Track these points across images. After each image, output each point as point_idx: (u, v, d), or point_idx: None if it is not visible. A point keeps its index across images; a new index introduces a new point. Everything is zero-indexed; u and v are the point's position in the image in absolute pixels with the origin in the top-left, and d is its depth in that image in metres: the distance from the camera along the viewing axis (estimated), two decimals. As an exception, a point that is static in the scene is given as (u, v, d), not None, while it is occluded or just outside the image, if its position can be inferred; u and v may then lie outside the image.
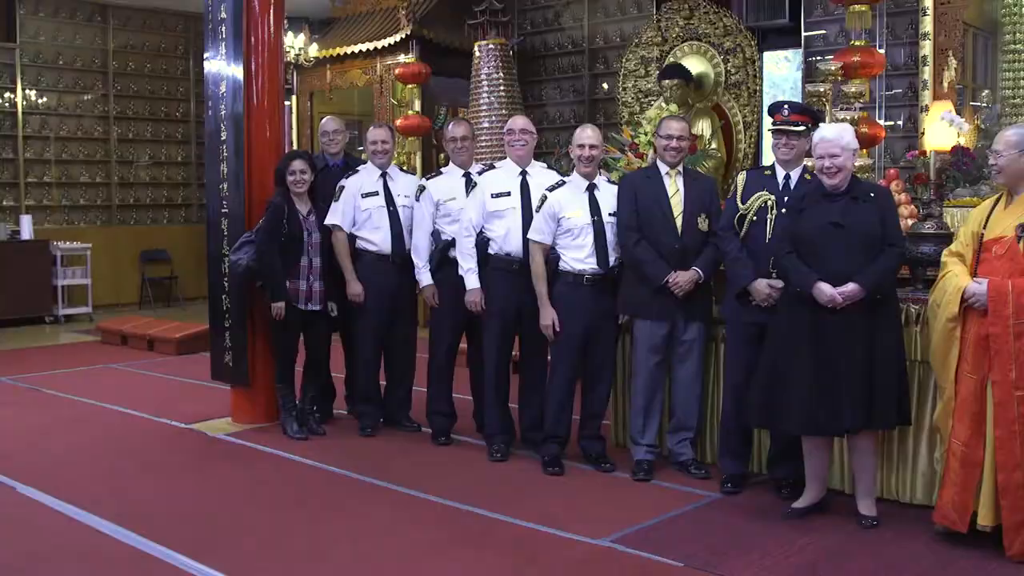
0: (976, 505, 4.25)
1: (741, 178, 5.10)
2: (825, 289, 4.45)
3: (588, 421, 5.60)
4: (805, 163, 5.06)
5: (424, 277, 6.04)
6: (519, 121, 5.86)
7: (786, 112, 4.98)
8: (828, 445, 4.80)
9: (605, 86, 10.71)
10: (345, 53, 11.60)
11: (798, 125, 4.97)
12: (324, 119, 6.85)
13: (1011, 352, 4.12)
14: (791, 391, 4.54)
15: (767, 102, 7.76)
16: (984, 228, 4.35)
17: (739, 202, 5.01)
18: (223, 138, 6.48)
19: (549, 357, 5.63)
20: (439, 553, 4.36)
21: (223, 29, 6.44)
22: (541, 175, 5.73)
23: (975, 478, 4.23)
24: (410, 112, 10.63)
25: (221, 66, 6.47)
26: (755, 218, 4.97)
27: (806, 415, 4.52)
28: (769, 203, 4.96)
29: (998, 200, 4.43)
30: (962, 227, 4.60)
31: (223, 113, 6.48)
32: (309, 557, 4.33)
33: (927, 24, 7.38)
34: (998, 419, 4.15)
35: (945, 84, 7.35)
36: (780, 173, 5.03)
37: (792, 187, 4.99)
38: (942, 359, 4.40)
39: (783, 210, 4.91)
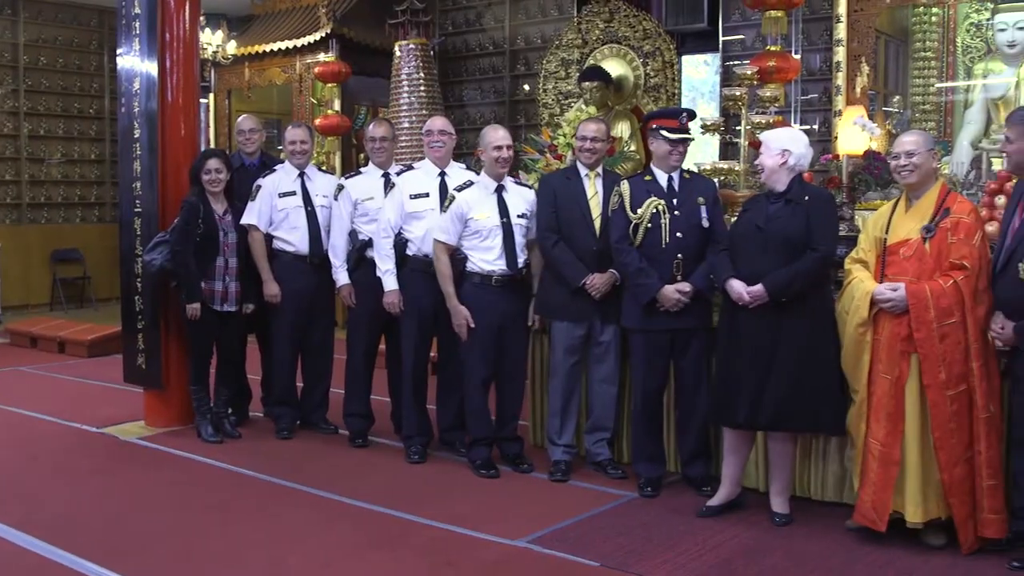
0: (897, 504, 4.33)
1: (625, 188, 5.09)
2: (735, 286, 4.57)
3: (505, 422, 5.59)
4: (701, 164, 5.14)
5: (341, 277, 6.00)
6: (438, 122, 5.84)
7: (684, 120, 5.05)
8: (749, 444, 4.86)
9: (526, 87, 10.73)
10: (264, 51, 11.46)
11: (690, 133, 5.08)
12: (240, 118, 6.77)
13: (938, 355, 4.21)
14: (718, 384, 4.73)
15: (686, 105, 7.87)
16: (886, 233, 4.44)
17: (629, 211, 5.03)
18: (137, 136, 6.36)
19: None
20: (355, 556, 4.32)
21: (137, 24, 6.32)
22: (460, 176, 5.71)
23: (894, 477, 4.32)
24: (330, 111, 10.54)
25: (135, 62, 6.35)
26: (650, 225, 5.00)
27: (722, 407, 4.67)
28: (660, 208, 5.00)
29: (895, 205, 4.53)
30: (862, 234, 4.68)
31: (137, 110, 6.36)
32: (223, 562, 4.27)
33: (841, 31, 7.50)
34: (935, 421, 4.23)
35: (858, 90, 7.48)
36: (662, 177, 5.09)
37: (677, 189, 5.06)
38: (854, 362, 4.49)
39: (675, 212, 4.99)
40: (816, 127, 8.56)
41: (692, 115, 5.19)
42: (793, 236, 4.58)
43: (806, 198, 4.65)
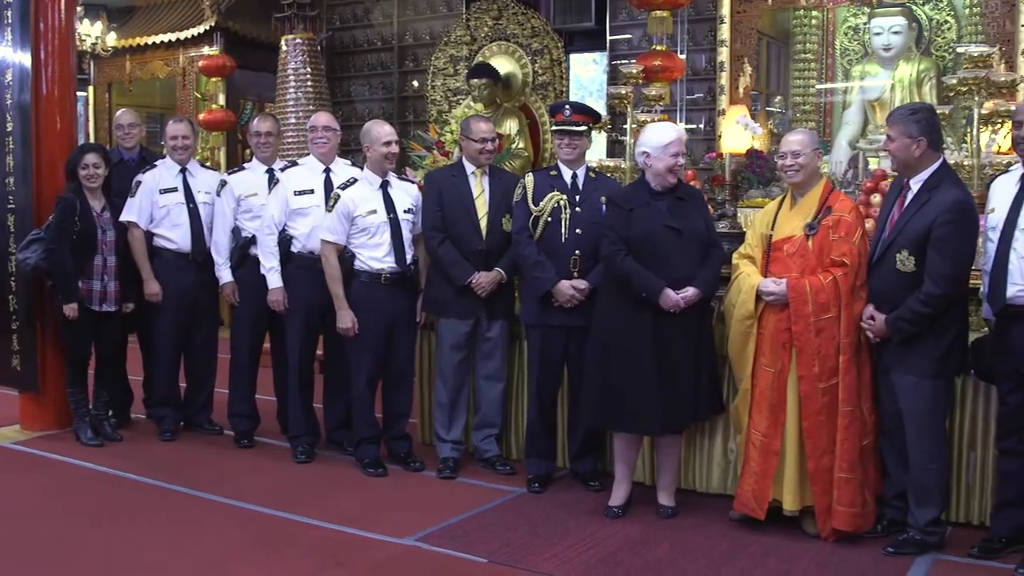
0: (776, 493, 4.45)
1: (529, 181, 5.12)
2: (671, 295, 4.51)
3: (393, 421, 5.56)
4: (589, 161, 5.17)
5: (224, 275, 5.90)
6: (322, 118, 5.78)
7: (568, 112, 5.07)
8: (639, 442, 4.91)
9: (415, 84, 10.67)
10: (146, 43, 11.17)
11: (579, 125, 5.07)
12: (119, 112, 6.60)
13: (814, 348, 4.33)
14: (628, 391, 4.59)
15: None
16: (771, 229, 4.55)
17: (531, 204, 5.05)
18: (9, 129, 6.12)
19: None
20: (241, 559, 4.24)
21: (9, 13, 6.09)
22: (346, 173, 5.65)
23: (774, 467, 4.44)
24: (214, 106, 10.34)
25: (7, 52, 6.12)
26: (550, 219, 5.02)
27: (643, 415, 4.59)
28: (562, 203, 5.03)
29: (781, 202, 4.65)
30: (749, 230, 4.79)
31: (9, 103, 6.13)
32: (103, 571, 4.14)
33: (724, 31, 7.66)
34: (805, 411, 4.36)
35: (741, 90, 7.65)
36: (567, 172, 5.11)
37: (580, 186, 5.08)
38: (739, 354, 4.60)
39: (577, 209, 5.00)
40: (701, 126, 8.70)
41: (581, 108, 5.17)
42: (702, 234, 4.65)
43: (690, 194, 4.75)
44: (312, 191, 5.59)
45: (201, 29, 10.67)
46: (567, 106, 5.11)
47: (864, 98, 7.72)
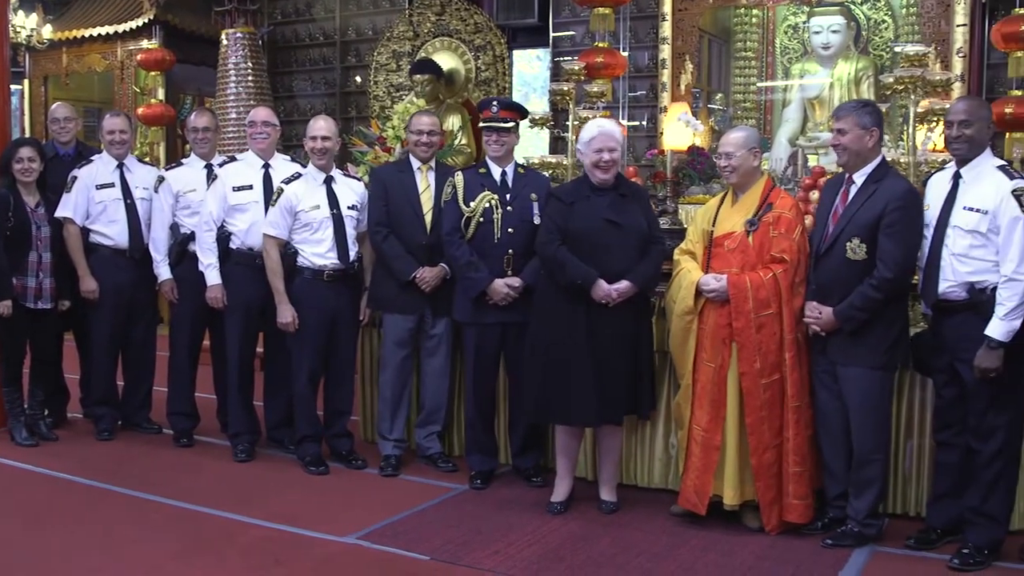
0: (717, 488, 4.49)
1: (459, 180, 5.10)
2: (603, 286, 4.55)
3: (335, 418, 5.53)
4: (516, 158, 5.19)
5: (163, 271, 5.83)
6: (261, 113, 5.73)
7: (495, 109, 5.08)
8: (580, 437, 4.93)
9: (358, 79, 10.60)
10: (83, 36, 10.98)
11: (507, 121, 5.08)
12: (54, 105, 6.49)
13: (755, 344, 4.38)
14: (562, 384, 4.62)
15: (517, 99, 7.92)
16: (713, 226, 4.59)
17: (462, 204, 5.04)
18: (-61, 123, 6.01)
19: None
20: (180, 560, 4.19)
21: (-62, 5, 5.98)
22: (285, 168, 5.60)
23: (715, 462, 4.48)
24: (153, 100, 10.19)
25: (-63, 45, 6.01)
26: (482, 219, 5.01)
27: (578, 408, 4.62)
28: (493, 203, 5.02)
29: (723, 199, 4.69)
30: (691, 226, 4.83)
31: (-61, 96, 6.01)
32: (38, 573, 4.06)
33: (666, 29, 7.70)
34: (748, 407, 4.41)
35: (682, 87, 7.69)
36: (496, 170, 5.11)
37: (510, 183, 5.09)
38: (680, 350, 4.63)
39: (508, 208, 5.01)
40: (643, 123, 8.75)
41: (508, 104, 5.19)
42: (642, 229, 4.68)
43: (634, 191, 4.77)
44: (251, 187, 5.53)
45: (140, 22, 10.51)
46: (495, 102, 5.12)
47: (804, 96, 7.81)
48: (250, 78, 9.77)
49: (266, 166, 5.62)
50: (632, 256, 4.61)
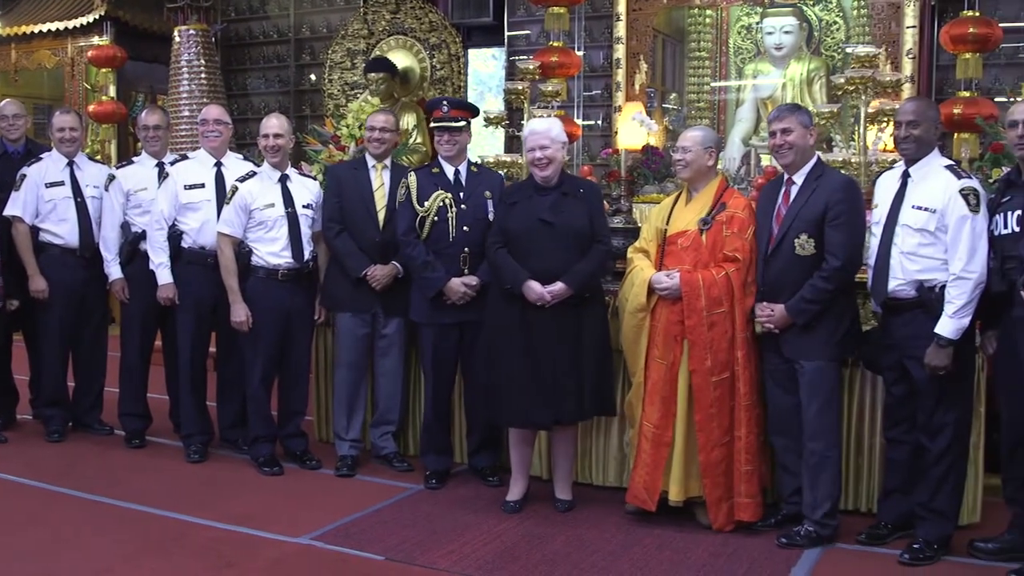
0: (666, 484, 4.52)
1: (412, 180, 5.09)
2: (535, 287, 4.55)
3: (289, 418, 5.50)
4: (469, 157, 5.19)
5: (114, 271, 5.76)
6: (213, 111, 5.68)
7: (445, 108, 5.07)
8: (533, 436, 4.93)
9: (312, 77, 10.54)
10: (32, 32, 10.82)
11: (458, 120, 5.08)
12: (3, 102, 6.36)
13: (706, 342, 4.40)
14: (506, 385, 4.63)
15: (472, 98, 7.92)
16: (667, 224, 4.62)
17: (416, 204, 5.03)
18: None
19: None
20: (131, 562, 4.14)
21: None
22: (238, 167, 5.57)
23: (665, 458, 4.50)
24: (104, 98, 10.08)
25: None
26: (436, 218, 5.01)
27: (522, 409, 4.62)
28: (447, 201, 5.02)
29: (678, 197, 4.72)
30: (645, 224, 4.85)
31: None
32: (-19, 575, 4.01)
33: (620, 29, 7.72)
34: (698, 404, 4.43)
35: (637, 86, 7.72)
36: (448, 169, 5.10)
37: (463, 182, 5.08)
38: (632, 347, 4.65)
39: (462, 206, 5.00)
40: (598, 122, 8.77)
41: (458, 103, 5.19)
42: (581, 229, 4.67)
43: (581, 190, 4.76)
44: (203, 185, 5.48)
45: (91, 18, 10.38)
46: (444, 102, 5.11)
47: (757, 96, 7.87)
48: (203, 75, 9.69)
49: (218, 164, 5.57)
50: (569, 256, 4.61)
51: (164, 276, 5.46)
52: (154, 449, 5.83)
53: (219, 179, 5.50)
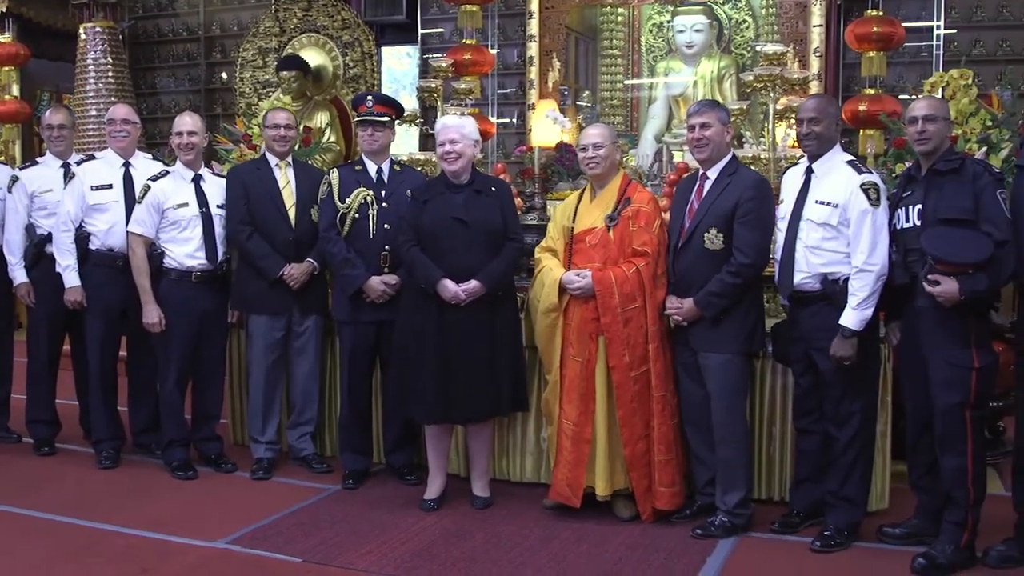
0: (589, 479, 4.56)
1: (335, 177, 5.07)
2: (449, 286, 4.56)
3: (203, 422, 5.43)
4: (398, 155, 5.17)
5: (18, 275, 5.63)
6: (120, 110, 5.59)
7: (370, 103, 5.07)
8: (450, 433, 4.93)
9: (224, 76, 10.40)
10: (-71, 30, 10.51)
11: (382, 116, 5.08)
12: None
13: (623, 338, 4.45)
14: (420, 382, 4.63)
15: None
16: (573, 222, 4.66)
17: (338, 201, 5.01)
18: None
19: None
20: (41, 572, 4.05)
21: None
22: (147, 167, 5.48)
23: (586, 454, 4.54)
24: (7, 97, 9.82)
25: None
26: (357, 215, 4.99)
27: (433, 405, 4.63)
28: (369, 199, 5.01)
29: (581, 195, 4.77)
30: (551, 223, 4.88)
31: None
32: None
33: (533, 27, 7.73)
34: (619, 400, 4.48)
35: (550, 84, 7.75)
36: (371, 167, 5.10)
37: (386, 180, 5.08)
38: (547, 346, 4.69)
39: (384, 204, 4.99)
40: (513, 120, 8.80)
41: (384, 99, 5.20)
42: (494, 227, 4.69)
43: (493, 188, 4.79)
44: (111, 186, 5.38)
45: (-9, 15, 10.12)
46: (369, 97, 5.11)
47: (668, 93, 7.95)
48: (110, 74, 9.50)
49: (126, 165, 5.47)
50: (483, 254, 4.63)
51: (71, 279, 5.35)
52: (64, 456, 5.71)
53: (127, 180, 5.41)
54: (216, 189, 5.30)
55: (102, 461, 5.45)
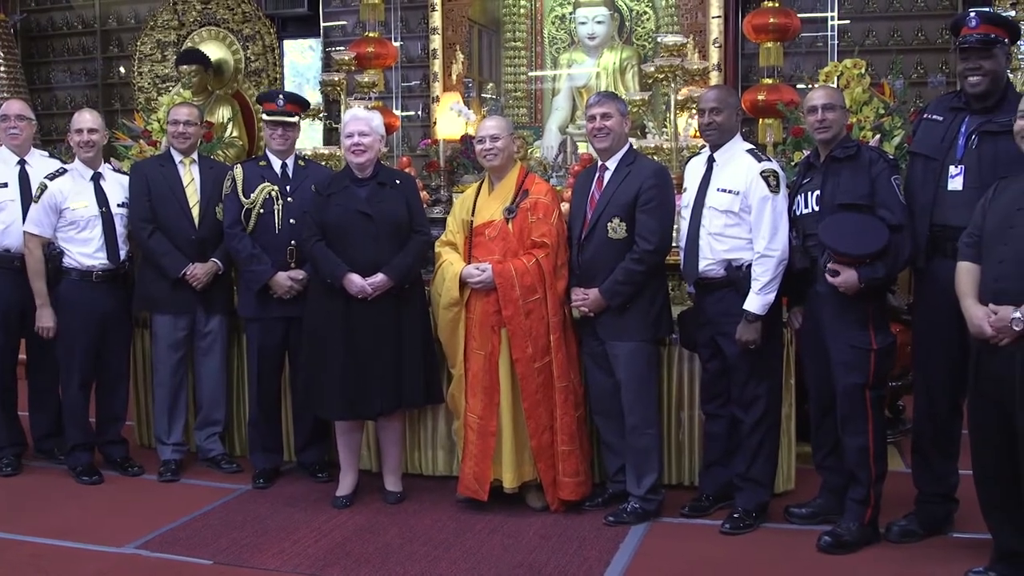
0: (496, 472, 4.58)
1: (239, 172, 5.03)
2: (355, 280, 4.54)
3: (108, 425, 5.32)
4: (301, 150, 5.15)
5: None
6: (14, 106, 5.44)
7: (281, 102, 5.03)
8: (360, 429, 4.91)
9: (121, 70, 10.15)
10: None
11: (293, 116, 5.06)
12: None
13: (525, 330, 4.48)
14: (326, 378, 4.61)
15: (292, 90, 7.79)
16: (472, 215, 4.68)
17: (242, 196, 4.95)
18: None
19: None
20: (-62, 584, 3.95)
21: None
22: (43, 164, 5.34)
23: (492, 447, 4.56)
24: None
25: None
26: (262, 211, 4.95)
27: (341, 401, 4.61)
28: (274, 194, 4.96)
29: (479, 188, 4.78)
30: (450, 217, 4.88)
31: None
32: None
33: (436, 19, 7.73)
34: (524, 392, 4.51)
35: (454, 77, 7.75)
36: (276, 162, 5.06)
37: (291, 175, 5.05)
38: (449, 340, 4.70)
39: (289, 199, 4.95)
40: (417, 113, 8.77)
41: (294, 98, 5.16)
42: (400, 220, 4.68)
43: (397, 181, 4.78)
44: (6, 185, 5.23)
45: None
46: (280, 96, 5.07)
47: (572, 85, 8.01)
48: (2, 69, 9.22)
49: (22, 162, 5.32)
50: (389, 248, 4.62)
51: (-36, 282, 5.18)
52: (-38, 464, 5.54)
53: (23, 178, 5.26)
54: (116, 187, 5.19)
55: (2, 468, 5.29)
